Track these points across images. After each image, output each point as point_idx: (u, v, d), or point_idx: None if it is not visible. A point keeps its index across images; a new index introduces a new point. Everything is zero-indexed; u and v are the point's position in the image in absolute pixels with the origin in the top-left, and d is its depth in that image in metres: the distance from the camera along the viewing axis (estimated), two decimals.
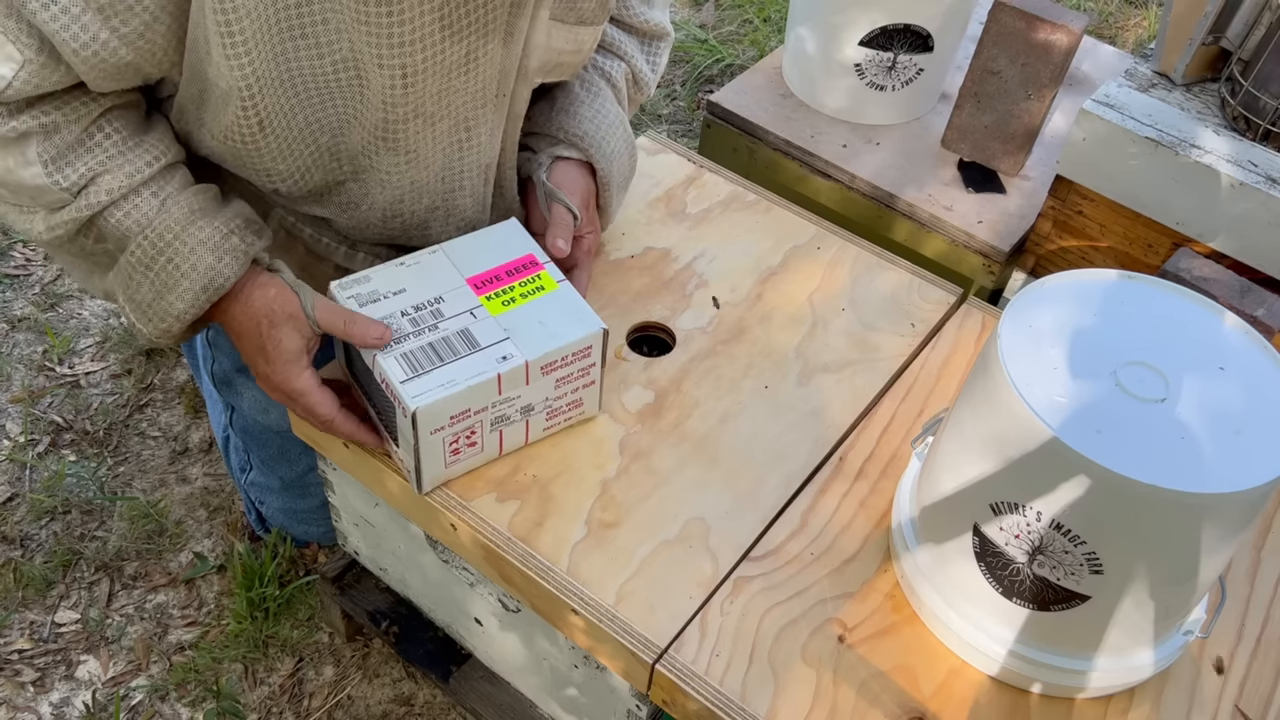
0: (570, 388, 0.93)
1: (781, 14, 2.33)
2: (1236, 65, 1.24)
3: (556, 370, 0.90)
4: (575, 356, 0.91)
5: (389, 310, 0.90)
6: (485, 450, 0.92)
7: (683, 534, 0.91)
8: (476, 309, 0.91)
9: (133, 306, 0.91)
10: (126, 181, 0.86)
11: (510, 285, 0.93)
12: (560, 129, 1.03)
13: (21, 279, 1.69)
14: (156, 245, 0.88)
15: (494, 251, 0.96)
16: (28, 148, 0.83)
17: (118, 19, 0.77)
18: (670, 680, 0.83)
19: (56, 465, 1.46)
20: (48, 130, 0.83)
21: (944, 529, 0.83)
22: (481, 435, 0.90)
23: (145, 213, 0.87)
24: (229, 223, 0.90)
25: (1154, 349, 0.76)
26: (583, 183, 1.04)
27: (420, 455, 0.88)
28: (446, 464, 0.91)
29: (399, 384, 0.85)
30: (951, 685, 0.84)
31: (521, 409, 0.91)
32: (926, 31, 1.47)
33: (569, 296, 0.93)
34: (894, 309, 1.12)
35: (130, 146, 0.87)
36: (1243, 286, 1.11)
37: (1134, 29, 2.45)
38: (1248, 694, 0.86)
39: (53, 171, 0.84)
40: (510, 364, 0.87)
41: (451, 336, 0.89)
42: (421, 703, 1.28)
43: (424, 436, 0.86)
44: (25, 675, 1.27)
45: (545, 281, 0.94)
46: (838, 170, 1.52)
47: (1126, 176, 1.25)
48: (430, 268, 0.94)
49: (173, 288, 0.89)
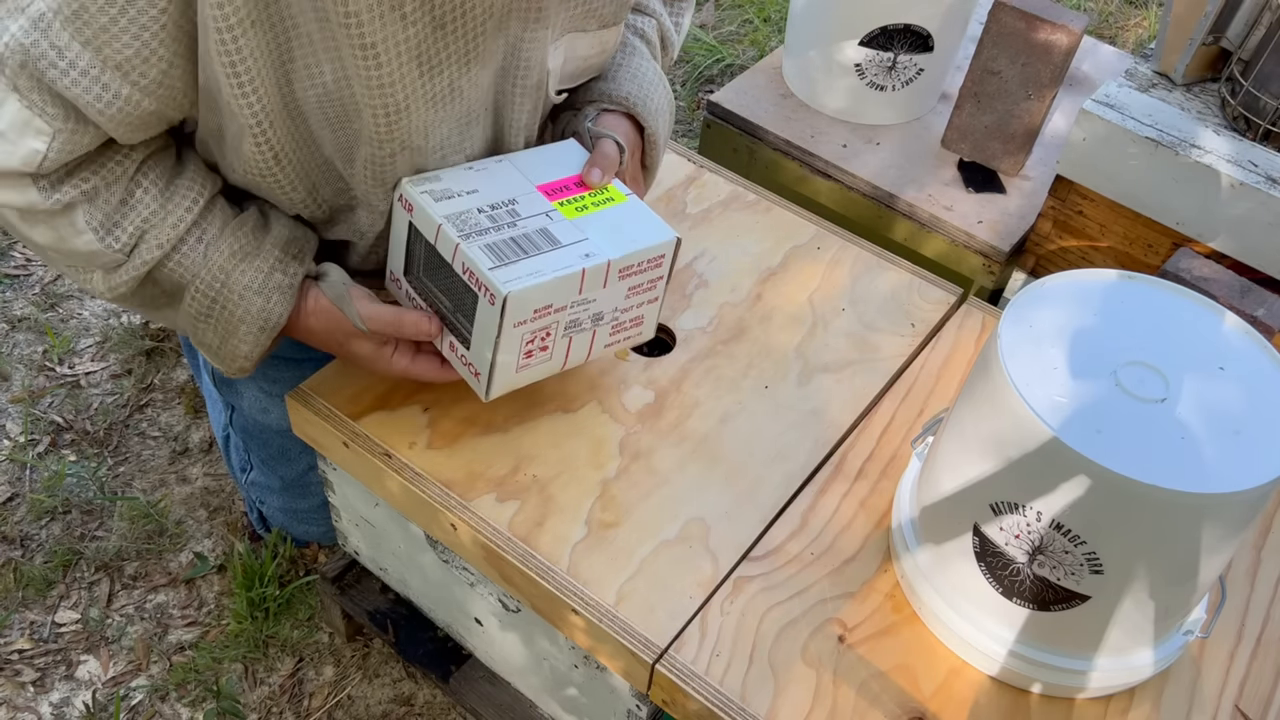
0: (638, 300, 0.93)
1: (781, 14, 2.33)
2: (1236, 65, 1.24)
3: (631, 276, 0.90)
4: (649, 264, 0.91)
5: (464, 207, 0.89)
6: (553, 359, 0.92)
7: (683, 534, 0.91)
8: (551, 212, 0.90)
9: (206, 350, 0.95)
10: (172, 233, 0.88)
11: (581, 195, 0.93)
12: (602, 94, 1.02)
13: (21, 279, 1.69)
14: (208, 295, 0.91)
15: (559, 165, 0.95)
16: (75, 217, 0.85)
17: (136, 72, 0.79)
18: (670, 680, 0.83)
19: (56, 465, 1.46)
20: (90, 196, 0.85)
21: (944, 529, 0.83)
22: (554, 339, 0.90)
23: (193, 260, 0.90)
24: (268, 258, 0.91)
25: (1154, 349, 0.76)
26: (631, 133, 1.03)
27: (498, 352, 0.86)
28: (519, 366, 0.89)
29: (487, 270, 0.83)
30: (951, 685, 0.84)
31: (593, 316, 0.90)
32: (926, 31, 1.47)
33: (640, 208, 0.93)
34: (894, 309, 1.12)
35: (169, 196, 0.89)
36: (1243, 286, 1.11)
37: (1134, 29, 2.45)
38: (1248, 694, 0.86)
39: (103, 235, 0.87)
40: (593, 261, 0.86)
41: (532, 234, 0.87)
42: (421, 703, 1.28)
43: (507, 329, 0.85)
44: (25, 675, 1.27)
45: (614, 194, 0.94)
46: (838, 170, 1.52)
47: (1126, 176, 1.25)
48: (499, 173, 0.93)
49: (233, 332, 0.92)
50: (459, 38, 0.84)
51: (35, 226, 0.86)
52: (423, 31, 0.82)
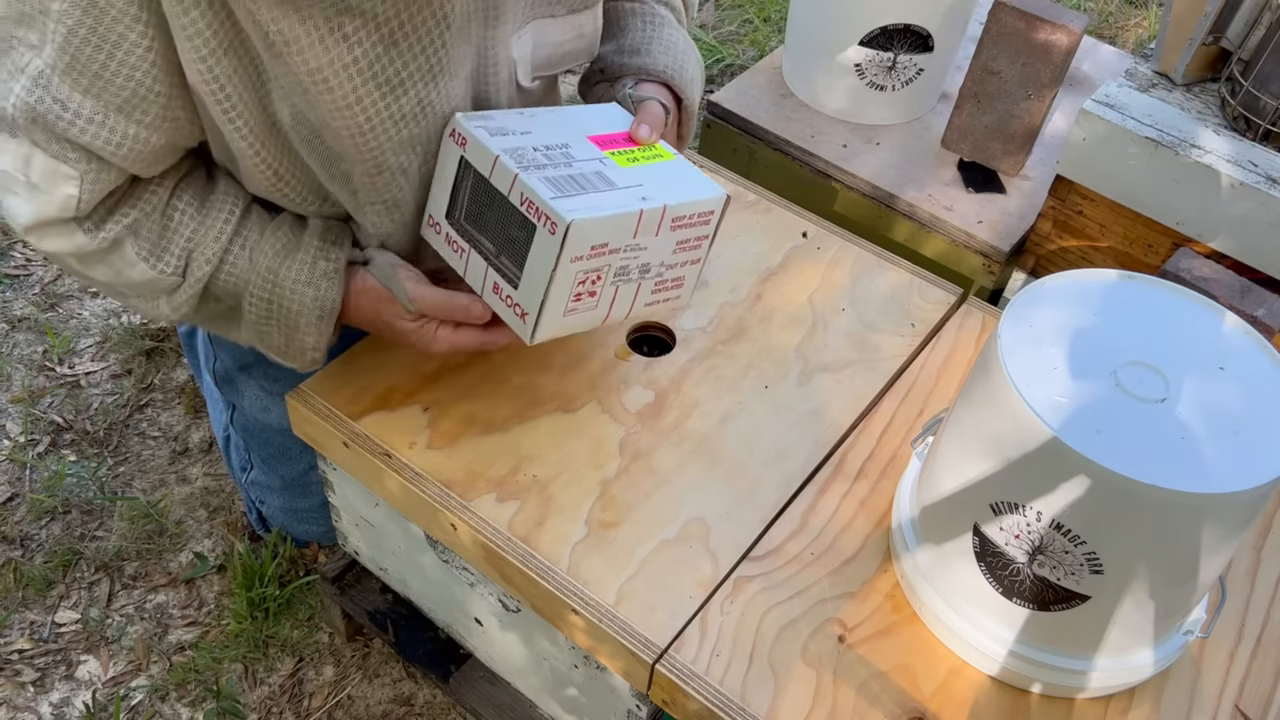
0: (683, 257, 0.93)
1: (781, 14, 2.33)
2: (1236, 65, 1.24)
3: (682, 228, 0.90)
4: (699, 218, 0.91)
5: (520, 144, 0.88)
6: (599, 307, 0.91)
7: (683, 534, 0.91)
8: (604, 159, 0.91)
9: (275, 352, 0.97)
10: (216, 245, 0.90)
11: (631, 148, 0.93)
12: (640, 69, 1.02)
13: (21, 279, 1.69)
14: (263, 298, 0.92)
15: (606, 121, 0.96)
16: (125, 250, 0.88)
17: (138, 111, 0.81)
18: (670, 680, 0.83)
19: (56, 465, 1.46)
20: (134, 229, 0.88)
21: (944, 529, 0.83)
22: (603, 285, 0.89)
23: (242, 267, 0.92)
24: (309, 250, 0.92)
25: (1154, 349, 0.76)
26: (669, 96, 1.03)
27: (551, 287, 0.85)
28: (566, 309, 0.88)
29: (550, 199, 0.83)
30: (951, 685, 0.84)
31: (640, 266, 0.90)
32: (926, 31, 1.47)
33: (688, 166, 0.94)
34: (894, 309, 1.12)
35: (206, 213, 0.91)
36: (1243, 286, 1.11)
37: (1134, 29, 2.45)
38: (1248, 694, 0.86)
39: (154, 262, 0.89)
40: (650, 204, 0.86)
41: (588, 174, 0.88)
42: (421, 703, 1.28)
43: (564, 263, 0.84)
44: (25, 675, 1.27)
45: (662, 152, 0.95)
46: (838, 170, 1.52)
47: (1126, 176, 1.25)
48: (550, 120, 0.93)
49: (295, 327, 0.93)
50: (417, 54, 0.83)
51: (94, 267, 0.90)
52: (372, 51, 0.81)
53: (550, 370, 1.02)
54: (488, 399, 1.00)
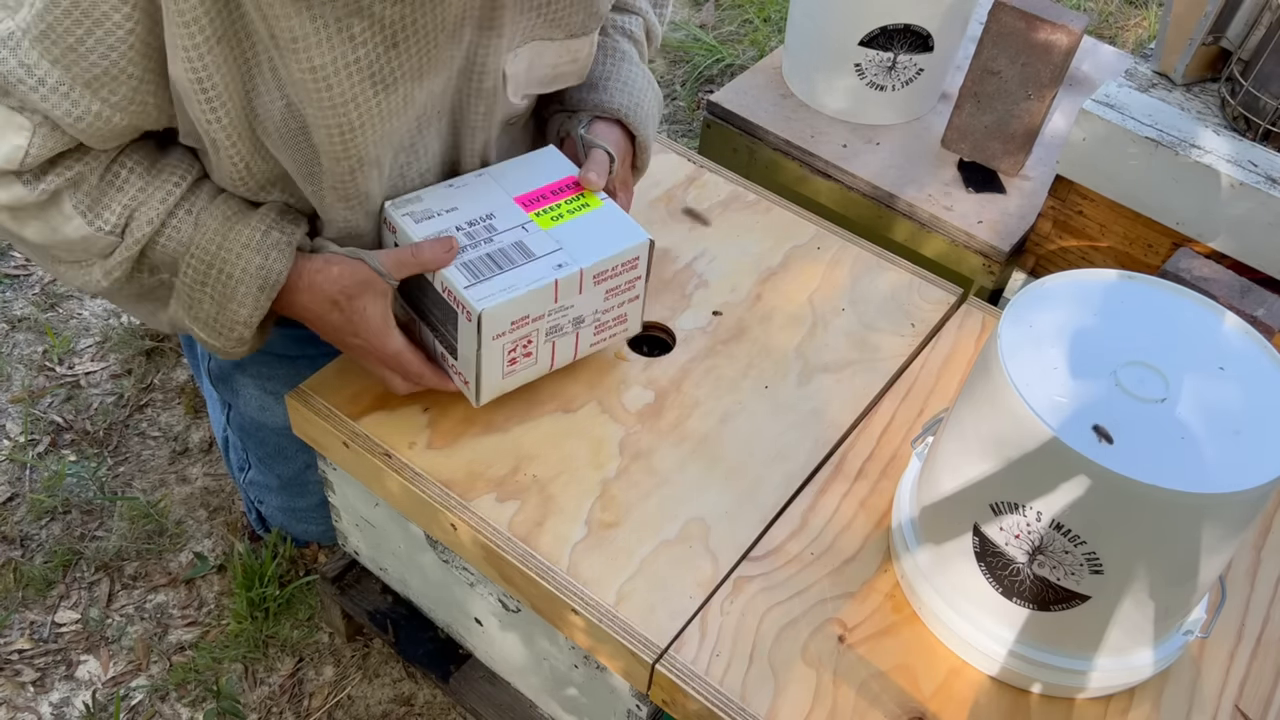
0: (618, 300, 0.96)
1: (781, 14, 2.33)
2: (1236, 65, 1.24)
3: (607, 280, 0.93)
4: (624, 267, 0.94)
5: (443, 226, 0.93)
6: (539, 362, 0.96)
7: (683, 534, 0.91)
8: (527, 224, 0.94)
9: (201, 325, 0.94)
10: (161, 207, 0.88)
11: (557, 203, 0.96)
12: (596, 105, 1.04)
13: (21, 279, 1.69)
14: (204, 260, 0.90)
15: (537, 174, 0.99)
16: (62, 203, 0.86)
17: (105, 89, 0.80)
18: (670, 680, 0.83)
19: (56, 465, 1.46)
20: (75, 182, 0.85)
21: (944, 529, 0.83)
22: (537, 345, 0.93)
23: (185, 232, 0.89)
24: (264, 219, 0.91)
25: (1154, 349, 0.76)
26: (622, 143, 1.04)
27: (481, 363, 0.90)
28: (504, 374, 0.93)
29: (463, 290, 0.88)
30: (951, 685, 0.84)
31: (573, 320, 0.94)
32: (926, 31, 1.47)
33: (614, 212, 0.97)
34: (894, 309, 1.12)
35: (154, 174, 0.89)
36: (1243, 286, 1.11)
37: (1134, 29, 2.45)
38: (1248, 694, 0.86)
39: (92, 219, 0.87)
40: (566, 271, 0.90)
41: (507, 248, 0.92)
42: (421, 703, 1.28)
43: (486, 342, 0.89)
44: (25, 675, 1.27)
45: (590, 200, 0.97)
46: (838, 170, 1.52)
47: (1126, 176, 1.25)
48: (478, 188, 0.97)
49: (231, 296, 0.91)
50: (412, 54, 0.84)
51: (26, 224, 0.86)
52: (374, 51, 0.82)
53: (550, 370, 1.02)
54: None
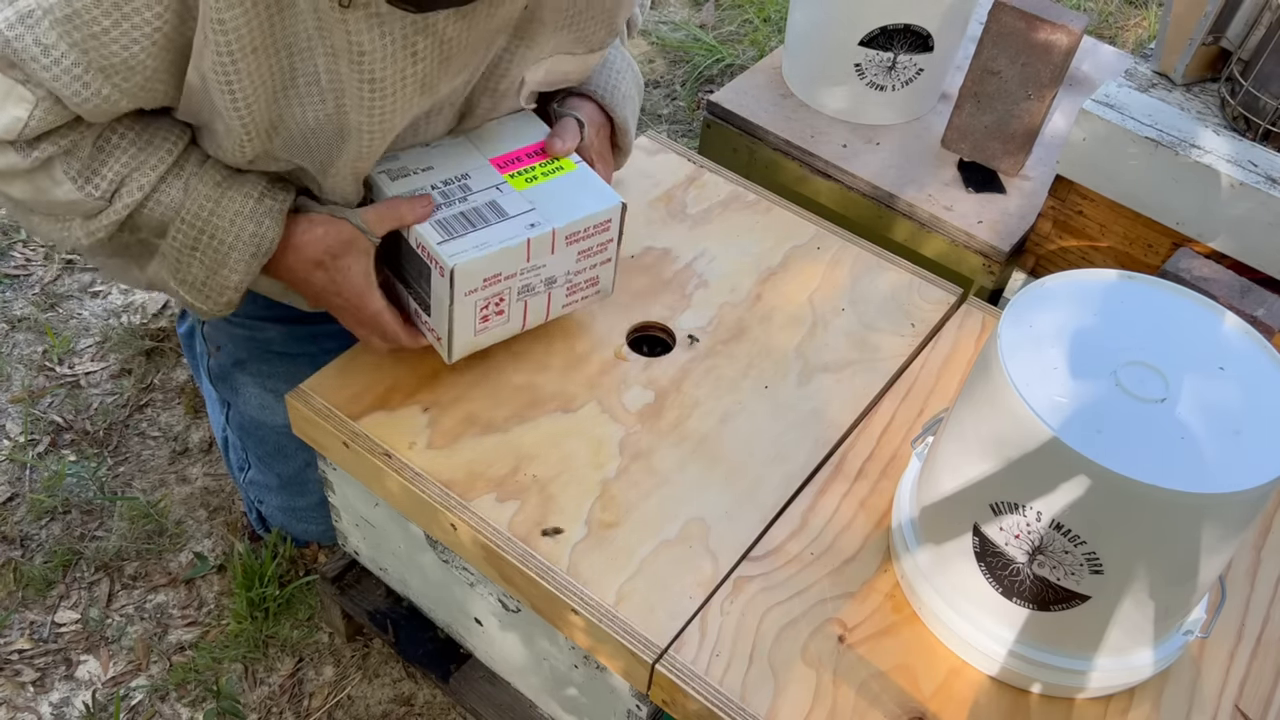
0: (590, 262, 0.98)
1: (781, 14, 2.33)
2: (1236, 65, 1.24)
3: (579, 241, 0.95)
4: (596, 229, 0.95)
5: (418, 185, 0.95)
6: (510, 321, 0.97)
7: (683, 534, 0.91)
8: (501, 184, 0.96)
9: (186, 288, 0.94)
10: (152, 174, 0.88)
11: (531, 165, 0.98)
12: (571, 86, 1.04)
13: (21, 279, 1.69)
14: (195, 225, 0.90)
15: (514, 137, 1.01)
16: (53, 170, 0.86)
17: (119, 76, 0.80)
18: (670, 680, 0.83)
19: (56, 465, 1.46)
20: (68, 151, 0.86)
21: (944, 529, 0.83)
22: (509, 304, 0.95)
23: (175, 198, 0.89)
24: (256, 185, 0.91)
25: (1154, 349, 0.76)
26: (596, 115, 1.05)
27: (453, 319, 0.92)
28: (476, 331, 0.95)
29: (436, 246, 0.89)
30: (951, 685, 0.84)
31: (545, 280, 0.96)
32: (926, 31, 1.47)
33: (588, 175, 0.98)
34: (894, 309, 1.12)
35: (146, 141, 0.88)
36: (1243, 286, 1.11)
37: (1134, 29, 2.45)
38: (1248, 694, 0.86)
39: (83, 185, 0.87)
40: (538, 230, 0.92)
41: (481, 207, 0.93)
42: (421, 703, 1.28)
43: (459, 298, 0.90)
44: (25, 675, 1.27)
45: (564, 163, 0.99)
46: (838, 170, 1.52)
47: (1126, 176, 1.25)
48: (454, 149, 0.99)
49: (223, 262, 0.91)
50: (457, 65, 0.87)
51: (14, 183, 0.87)
52: (430, 65, 0.84)
53: (550, 370, 1.02)
54: (488, 399, 1.00)
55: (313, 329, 1.18)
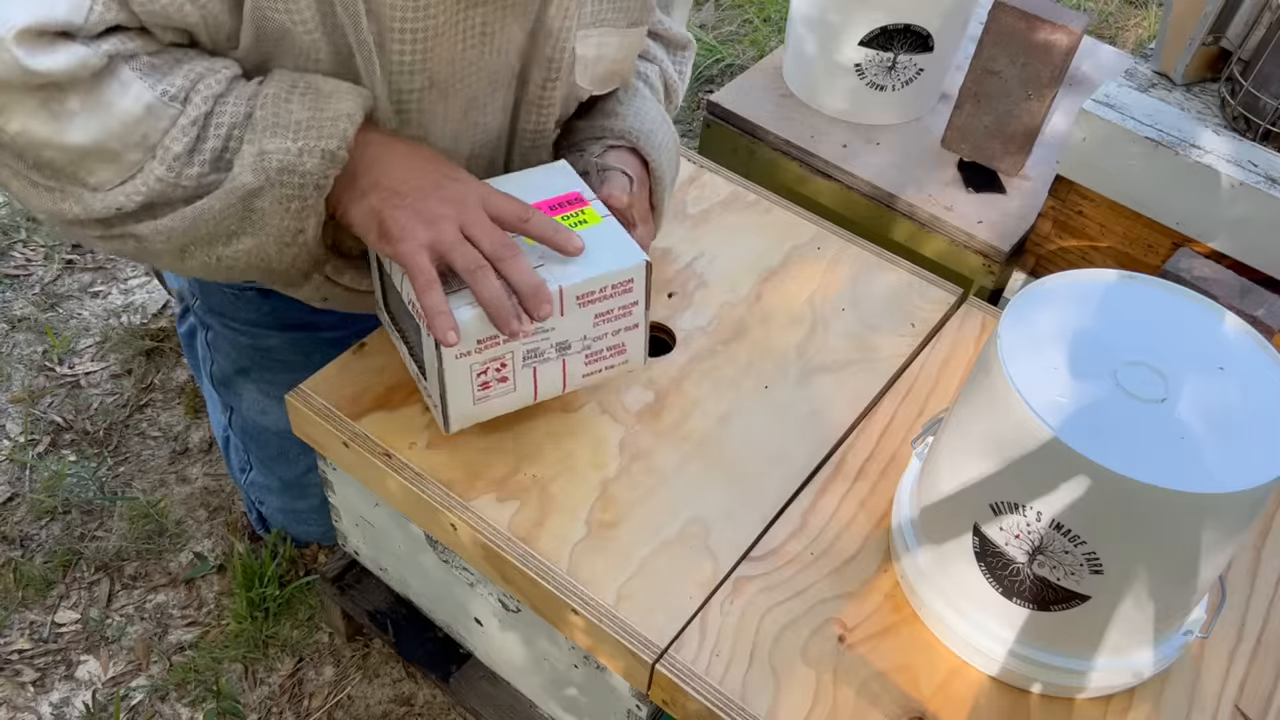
0: (611, 327, 0.88)
1: (781, 14, 2.33)
2: (1236, 65, 1.24)
3: (595, 303, 0.85)
4: (615, 290, 0.85)
5: None
6: (519, 391, 0.88)
7: (683, 534, 0.91)
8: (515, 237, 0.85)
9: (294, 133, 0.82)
10: (225, 73, 0.82)
11: (553, 218, 0.87)
12: (606, 130, 1.01)
13: (21, 279, 1.69)
14: (285, 84, 0.83)
15: (541, 186, 0.91)
16: (120, 70, 0.78)
17: None
18: (670, 680, 0.83)
19: (56, 465, 1.46)
20: (133, 53, 0.79)
21: (944, 529, 0.83)
22: (513, 370, 0.86)
23: (251, 88, 0.83)
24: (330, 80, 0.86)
25: (1154, 349, 0.76)
26: (636, 165, 1.00)
27: (445, 384, 0.83)
28: (475, 400, 0.86)
29: None
30: (951, 685, 0.84)
31: (557, 345, 0.86)
32: (926, 31, 1.47)
33: (613, 230, 0.88)
34: (894, 309, 1.12)
35: (210, 56, 0.84)
36: (1243, 286, 1.11)
37: (1134, 29, 2.45)
38: (1248, 694, 0.86)
39: (154, 83, 0.79)
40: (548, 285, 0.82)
41: None
42: (421, 703, 1.28)
43: (449, 361, 0.82)
44: (25, 675, 1.27)
45: (589, 215, 0.89)
46: (838, 170, 1.52)
47: (1126, 176, 1.25)
48: None
49: (328, 96, 0.83)
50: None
51: (73, 114, 0.78)
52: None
53: None
54: None
55: (316, 335, 1.18)
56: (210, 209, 0.84)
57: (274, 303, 1.15)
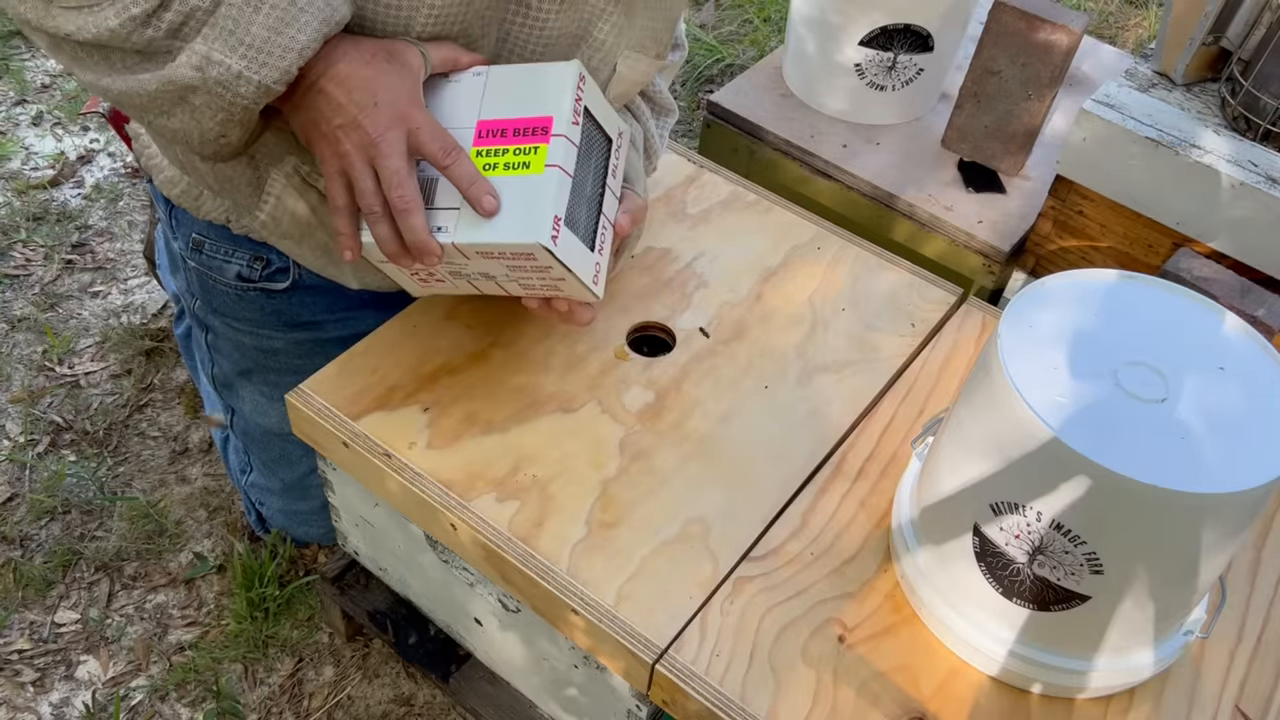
0: (539, 278, 0.88)
1: (781, 14, 2.33)
2: (1236, 65, 1.24)
3: (501, 260, 0.85)
4: (517, 256, 0.83)
5: None
6: (458, 288, 0.94)
7: (683, 534, 0.91)
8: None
9: (242, 52, 0.81)
10: None
11: (506, 147, 0.84)
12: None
13: (21, 279, 1.69)
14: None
15: (529, 98, 0.86)
16: None
17: None
18: (670, 680, 0.83)
19: (56, 465, 1.46)
20: None
21: (944, 529, 0.83)
22: (443, 277, 0.91)
23: None
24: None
25: (1154, 349, 0.76)
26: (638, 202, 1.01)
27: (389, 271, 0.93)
28: (419, 287, 0.95)
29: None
30: (951, 685, 0.84)
31: (480, 273, 0.88)
32: (926, 31, 1.47)
33: (541, 189, 0.82)
34: (894, 309, 1.12)
35: None
36: (1243, 286, 1.11)
37: (1134, 29, 2.45)
38: (1248, 694, 0.86)
39: None
40: (442, 236, 0.83)
41: (423, 180, 0.85)
42: (421, 703, 1.28)
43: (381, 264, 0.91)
44: (25, 675, 1.27)
45: (535, 160, 0.83)
46: (838, 170, 1.52)
47: (1126, 176, 1.25)
48: (461, 95, 0.89)
49: (291, 22, 0.82)
50: None
51: None
52: None
53: (550, 370, 1.02)
54: (488, 399, 1.00)
55: (320, 336, 1.18)
56: (146, 86, 0.85)
57: (278, 303, 1.15)
